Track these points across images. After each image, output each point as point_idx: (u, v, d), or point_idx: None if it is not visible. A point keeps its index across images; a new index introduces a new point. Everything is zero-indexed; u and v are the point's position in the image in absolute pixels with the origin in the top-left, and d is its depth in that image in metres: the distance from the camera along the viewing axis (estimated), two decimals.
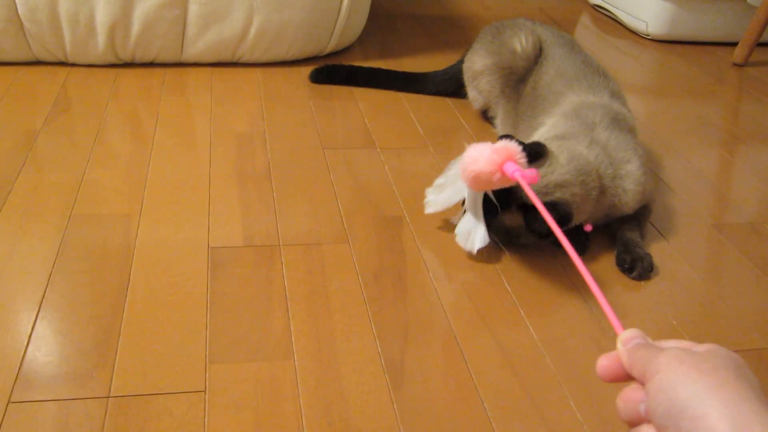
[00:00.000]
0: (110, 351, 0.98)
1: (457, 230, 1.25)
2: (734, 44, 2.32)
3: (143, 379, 0.94)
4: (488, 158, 1.11)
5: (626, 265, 1.24)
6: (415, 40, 2.27)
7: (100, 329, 1.02)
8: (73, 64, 1.86)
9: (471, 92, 1.72)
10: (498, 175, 1.10)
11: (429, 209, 1.30)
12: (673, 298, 1.19)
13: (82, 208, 1.28)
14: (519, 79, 1.58)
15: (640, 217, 1.34)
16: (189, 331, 1.03)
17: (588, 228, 1.23)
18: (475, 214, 1.23)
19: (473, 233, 1.23)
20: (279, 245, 1.23)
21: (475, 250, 1.21)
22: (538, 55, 1.58)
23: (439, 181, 1.30)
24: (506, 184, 1.13)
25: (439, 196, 1.29)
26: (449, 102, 1.82)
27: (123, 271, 1.14)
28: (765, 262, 1.30)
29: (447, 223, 1.32)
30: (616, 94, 1.45)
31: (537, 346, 1.06)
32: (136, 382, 0.94)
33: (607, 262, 1.27)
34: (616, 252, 1.28)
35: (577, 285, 1.20)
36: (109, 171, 1.41)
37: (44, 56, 1.83)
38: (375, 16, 2.36)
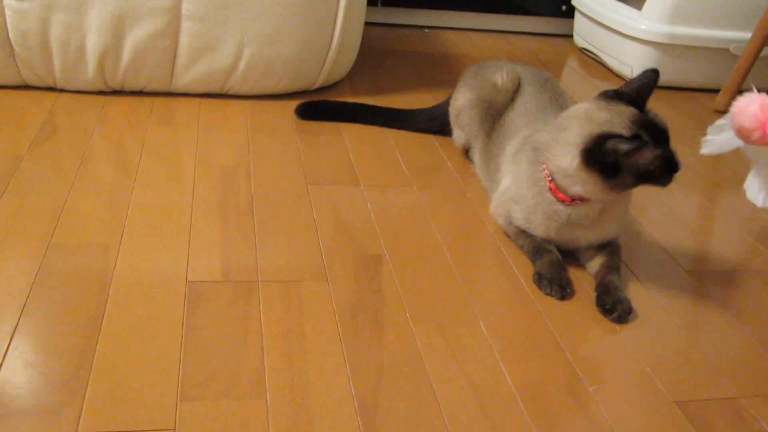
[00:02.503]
0: (81, 385, 0.97)
1: (746, 184, 1.18)
2: (716, 91, 2.36)
3: (113, 416, 0.94)
4: (753, 113, 1.05)
5: (607, 306, 1.26)
6: (404, 76, 2.29)
7: (72, 362, 1.01)
8: (62, 90, 1.86)
9: (455, 131, 1.75)
10: (758, 133, 1.04)
11: (705, 149, 1.21)
12: (649, 344, 1.20)
13: (62, 237, 1.28)
14: (497, 114, 1.61)
15: (614, 256, 1.37)
16: (162, 366, 1.02)
17: None
18: (759, 166, 1.16)
19: (764, 187, 1.17)
20: (257, 281, 1.23)
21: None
22: (516, 91, 1.61)
23: (721, 121, 1.21)
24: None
25: (717, 137, 1.19)
26: (434, 140, 1.84)
27: (99, 302, 1.13)
28: (739, 310, 1.32)
29: (426, 261, 1.33)
30: None
31: (511, 390, 1.06)
32: (106, 418, 0.93)
33: (585, 304, 1.28)
34: (596, 294, 1.29)
35: (553, 329, 1.20)
36: (91, 199, 1.41)
37: (33, 81, 1.84)
38: (365, 51, 2.38)
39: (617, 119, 1.24)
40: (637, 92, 1.28)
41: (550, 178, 1.30)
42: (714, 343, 1.23)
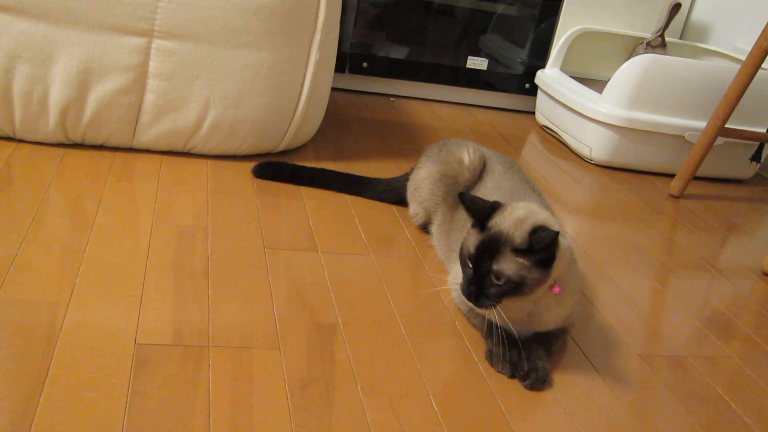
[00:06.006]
0: None
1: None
2: (672, 176, 2.43)
3: None
4: None
5: (522, 373, 1.28)
6: (367, 143, 2.32)
7: (10, 425, 0.98)
8: (21, 141, 1.84)
9: (412, 206, 1.75)
10: None
11: None
12: (598, 428, 1.20)
13: (9, 293, 1.25)
14: (464, 190, 1.63)
15: (556, 331, 1.37)
16: None
17: (556, 290, 1.27)
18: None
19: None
20: (208, 346, 1.21)
21: None
22: (482, 170, 1.64)
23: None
24: None
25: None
26: (394, 209, 1.85)
27: (43, 362, 1.10)
28: (687, 397, 1.33)
29: (380, 333, 1.32)
30: (547, 209, 1.49)
31: None
32: None
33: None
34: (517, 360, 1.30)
35: (503, 408, 1.20)
36: (42, 254, 1.38)
37: None
38: (330, 116, 2.41)
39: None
40: None
41: None
42: (660, 429, 1.23)
